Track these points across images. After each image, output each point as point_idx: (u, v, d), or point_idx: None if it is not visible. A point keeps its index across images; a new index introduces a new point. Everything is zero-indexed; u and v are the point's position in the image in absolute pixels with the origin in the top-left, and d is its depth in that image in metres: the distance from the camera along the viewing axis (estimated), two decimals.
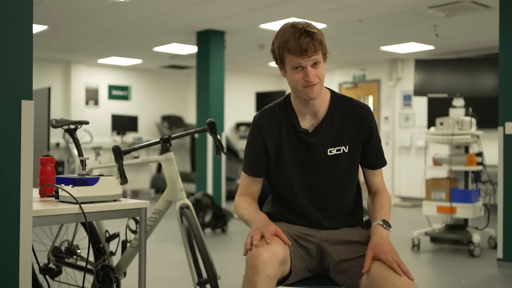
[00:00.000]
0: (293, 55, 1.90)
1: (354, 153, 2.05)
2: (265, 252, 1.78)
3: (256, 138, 2.09)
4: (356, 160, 2.07)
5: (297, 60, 1.90)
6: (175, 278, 4.16)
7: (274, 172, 2.10)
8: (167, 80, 11.46)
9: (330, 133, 2.04)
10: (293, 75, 1.95)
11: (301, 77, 1.93)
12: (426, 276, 4.37)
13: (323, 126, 2.04)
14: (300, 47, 1.87)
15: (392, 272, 1.77)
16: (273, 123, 2.08)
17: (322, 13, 6.26)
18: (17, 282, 1.90)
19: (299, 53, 1.88)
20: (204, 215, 6.01)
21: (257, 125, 2.09)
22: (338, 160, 2.04)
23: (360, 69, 10.23)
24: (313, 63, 1.92)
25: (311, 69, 1.92)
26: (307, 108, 2.04)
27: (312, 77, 1.92)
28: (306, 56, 1.89)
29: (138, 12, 6.32)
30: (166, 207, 2.91)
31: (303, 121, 2.06)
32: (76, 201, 2.09)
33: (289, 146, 2.05)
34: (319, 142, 2.03)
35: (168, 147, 2.89)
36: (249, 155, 2.12)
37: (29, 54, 1.95)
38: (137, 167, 9.68)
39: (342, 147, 2.04)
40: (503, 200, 4.46)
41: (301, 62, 1.91)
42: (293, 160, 2.06)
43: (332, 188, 2.07)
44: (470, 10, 6.03)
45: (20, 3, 1.93)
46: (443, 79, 5.45)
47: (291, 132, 2.06)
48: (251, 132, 2.11)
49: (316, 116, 2.05)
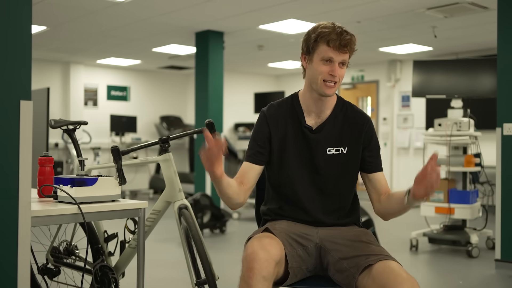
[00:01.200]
0: (330, 47, 1.98)
1: (352, 156, 2.11)
2: (261, 253, 1.79)
3: (262, 127, 2.13)
4: (354, 163, 2.11)
5: (331, 52, 1.99)
6: (174, 279, 4.16)
7: (276, 165, 2.13)
8: (166, 80, 11.46)
9: (331, 132, 2.10)
10: (319, 66, 2.02)
11: (327, 70, 2.01)
12: (424, 276, 4.37)
13: (326, 125, 2.11)
14: (340, 41, 1.98)
15: (394, 269, 1.80)
16: (280, 116, 2.14)
17: (320, 14, 6.27)
18: (15, 282, 1.90)
19: (338, 47, 1.98)
20: (202, 216, 6.01)
21: (265, 115, 2.15)
22: (336, 160, 2.09)
23: (359, 70, 10.24)
24: (342, 61, 2.01)
25: (338, 66, 2.01)
26: (315, 106, 2.11)
27: (337, 73, 2.00)
28: (342, 51, 1.99)
29: (137, 13, 6.32)
30: (165, 208, 2.91)
31: (308, 118, 2.12)
32: (75, 201, 2.10)
33: (293, 140, 2.11)
34: (320, 140, 2.09)
35: (166, 148, 2.90)
36: (253, 143, 2.14)
37: (28, 54, 1.95)
38: (136, 168, 9.68)
39: (341, 148, 2.10)
40: (501, 201, 4.47)
41: (334, 57, 1.99)
42: (294, 154, 2.10)
43: (329, 186, 2.10)
44: (468, 11, 6.04)
45: (19, 3, 1.94)
46: (441, 80, 5.46)
47: (296, 127, 2.11)
48: (258, 122, 2.16)
49: (321, 116, 2.12)
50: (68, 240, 3.18)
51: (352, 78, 10.35)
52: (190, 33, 7.49)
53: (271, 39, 7.72)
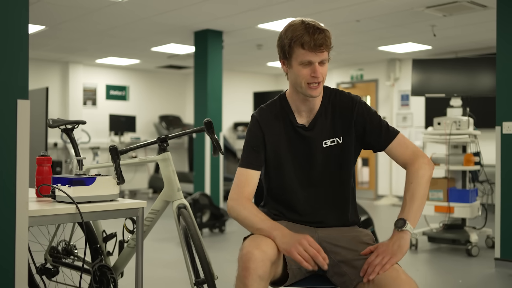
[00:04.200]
0: (306, 50, 1.92)
1: (347, 144, 2.07)
2: (256, 253, 1.77)
3: (257, 132, 2.09)
4: (349, 151, 2.08)
5: (308, 55, 1.93)
6: (172, 278, 4.15)
7: (271, 168, 2.10)
8: (165, 80, 11.45)
9: (325, 126, 2.07)
10: (300, 70, 1.96)
11: (308, 73, 1.95)
12: (423, 275, 4.37)
13: (318, 120, 2.07)
14: (315, 42, 1.90)
15: (393, 271, 1.78)
16: (272, 119, 2.10)
17: (319, 13, 6.26)
18: (13, 283, 1.89)
19: (313, 48, 1.91)
20: (202, 215, 6.00)
21: (257, 120, 2.10)
22: (333, 151, 2.06)
23: (358, 69, 10.24)
24: (321, 60, 1.95)
25: (318, 66, 1.95)
26: (304, 105, 2.07)
27: (319, 73, 1.95)
28: (319, 51, 1.92)
29: (136, 12, 6.31)
30: (163, 207, 2.91)
31: (300, 117, 2.09)
32: (73, 201, 2.09)
33: (287, 142, 2.07)
34: (316, 136, 2.06)
35: (165, 147, 2.89)
36: (249, 149, 2.08)
37: (25, 54, 1.94)
38: (135, 167, 9.67)
39: (336, 138, 2.07)
40: (501, 200, 4.46)
41: (312, 58, 1.93)
42: (291, 155, 2.07)
43: (327, 181, 2.07)
44: (467, 10, 6.04)
45: (16, 2, 1.93)
46: (440, 79, 5.45)
47: (288, 128, 2.08)
48: (251, 128, 2.11)
49: (312, 112, 2.08)
50: (67, 240, 3.18)
51: (351, 77, 10.35)
52: (189, 32, 7.48)
53: (270, 38, 7.70)
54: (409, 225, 1.88)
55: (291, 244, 1.79)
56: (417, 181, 1.96)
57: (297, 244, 1.78)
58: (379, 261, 1.81)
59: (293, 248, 1.78)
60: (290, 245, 1.79)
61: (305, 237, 1.81)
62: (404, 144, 2.04)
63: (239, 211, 1.97)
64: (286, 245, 1.81)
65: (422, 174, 1.97)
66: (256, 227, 1.91)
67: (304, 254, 1.77)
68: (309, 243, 1.79)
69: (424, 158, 2.01)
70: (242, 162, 2.07)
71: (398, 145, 2.04)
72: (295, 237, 1.82)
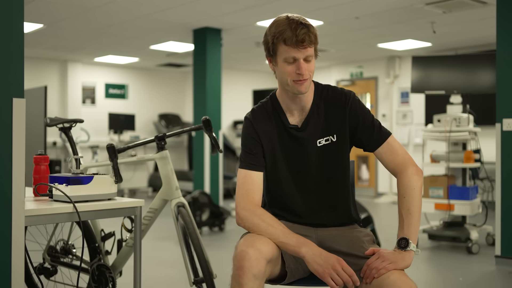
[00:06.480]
0: (289, 46, 1.87)
1: (342, 141, 2.03)
2: (251, 251, 1.75)
3: (252, 134, 2.04)
4: (345, 148, 2.04)
5: (291, 51, 1.87)
6: (171, 277, 4.14)
7: (268, 171, 2.06)
8: (164, 78, 11.43)
9: (317, 124, 2.02)
10: (284, 67, 1.91)
11: (293, 70, 1.90)
12: (424, 273, 4.36)
13: (311, 119, 2.02)
14: (297, 37, 1.84)
15: (393, 272, 1.77)
16: (265, 121, 2.05)
17: (319, 10, 6.24)
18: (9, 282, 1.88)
19: (295, 44, 1.85)
20: (201, 214, 5.99)
21: (250, 122, 2.06)
22: (327, 150, 2.02)
23: (358, 67, 10.22)
24: (305, 57, 1.89)
25: (303, 62, 1.89)
26: (295, 104, 2.02)
27: (304, 70, 1.89)
28: (302, 47, 1.86)
29: (134, 10, 6.29)
30: (162, 206, 2.89)
31: (291, 117, 2.04)
32: (70, 200, 2.07)
33: (280, 143, 2.03)
34: (309, 136, 2.02)
35: (163, 145, 2.87)
36: (247, 152, 2.03)
37: (20, 52, 1.92)
38: (134, 166, 9.66)
39: (330, 136, 2.02)
40: (501, 197, 4.45)
41: (295, 55, 1.87)
42: (286, 158, 2.03)
43: (324, 181, 2.04)
44: (467, 6, 6.02)
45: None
46: (440, 76, 5.44)
47: (281, 129, 2.04)
48: (246, 130, 2.06)
49: (303, 111, 2.03)
50: (65, 239, 3.17)
51: (351, 74, 10.33)
52: (187, 30, 7.46)
53: None
54: (412, 244, 1.85)
55: (325, 267, 1.76)
56: (410, 194, 1.93)
57: (330, 269, 1.75)
58: (377, 265, 1.80)
59: (326, 272, 1.75)
60: (324, 268, 1.76)
61: (338, 260, 1.78)
62: (394, 149, 2.00)
63: (254, 222, 1.91)
64: (319, 268, 1.77)
65: (414, 186, 1.94)
66: (279, 241, 1.85)
67: (337, 280, 1.74)
68: (342, 267, 1.76)
69: (413, 167, 1.98)
70: (242, 163, 2.03)
71: (388, 151, 2.00)
72: (328, 260, 1.77)
